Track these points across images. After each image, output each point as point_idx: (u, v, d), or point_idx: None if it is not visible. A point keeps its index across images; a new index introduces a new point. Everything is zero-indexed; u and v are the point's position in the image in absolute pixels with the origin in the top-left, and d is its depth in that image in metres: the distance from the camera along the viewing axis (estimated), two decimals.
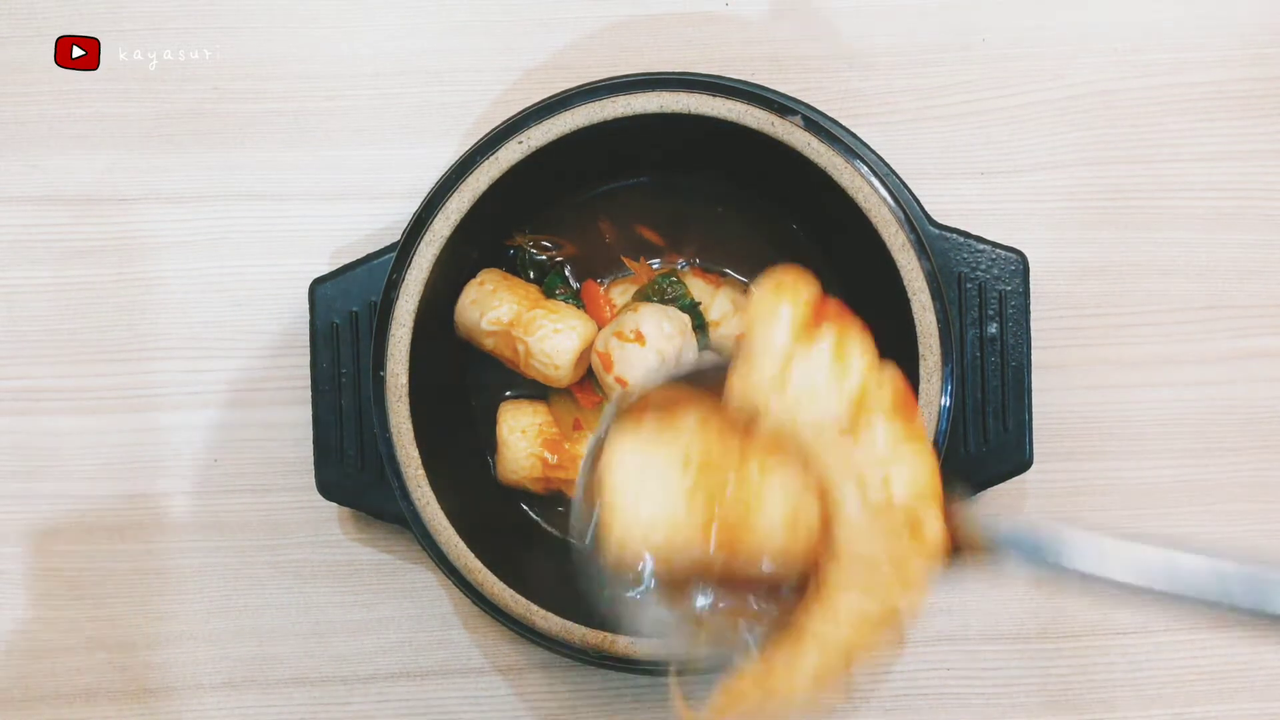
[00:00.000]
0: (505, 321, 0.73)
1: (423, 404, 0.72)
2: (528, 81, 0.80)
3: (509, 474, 0.76)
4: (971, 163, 0.81)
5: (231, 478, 0.80)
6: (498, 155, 0.71)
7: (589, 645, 0.70)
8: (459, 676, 0.80)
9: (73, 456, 0.80)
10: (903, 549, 0.45)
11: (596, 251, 0.78)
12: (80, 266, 0.80)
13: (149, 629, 0.80)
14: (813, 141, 0.70)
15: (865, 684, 0.81)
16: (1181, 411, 0.81)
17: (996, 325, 0.74)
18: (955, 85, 0.81)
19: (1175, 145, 0.81)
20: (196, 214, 0.80)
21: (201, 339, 0.80)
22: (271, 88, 0.81)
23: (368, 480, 0.74)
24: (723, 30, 0.80)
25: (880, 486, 0.46)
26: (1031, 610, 0.81)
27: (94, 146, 0.80)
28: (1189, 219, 0.81)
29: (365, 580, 0.80)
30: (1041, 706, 0.81)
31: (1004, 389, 0.74)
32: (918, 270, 0.70)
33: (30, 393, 0.80)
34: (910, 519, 0.45)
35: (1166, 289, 0.81)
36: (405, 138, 0.80)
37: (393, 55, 0.81)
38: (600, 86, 0.72)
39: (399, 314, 0.71)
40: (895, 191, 0.71)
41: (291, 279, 0.80)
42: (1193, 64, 0.81)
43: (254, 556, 0.80)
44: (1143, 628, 0.81)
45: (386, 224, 0.80)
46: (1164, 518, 0.81)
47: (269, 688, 0.80)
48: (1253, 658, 0.81)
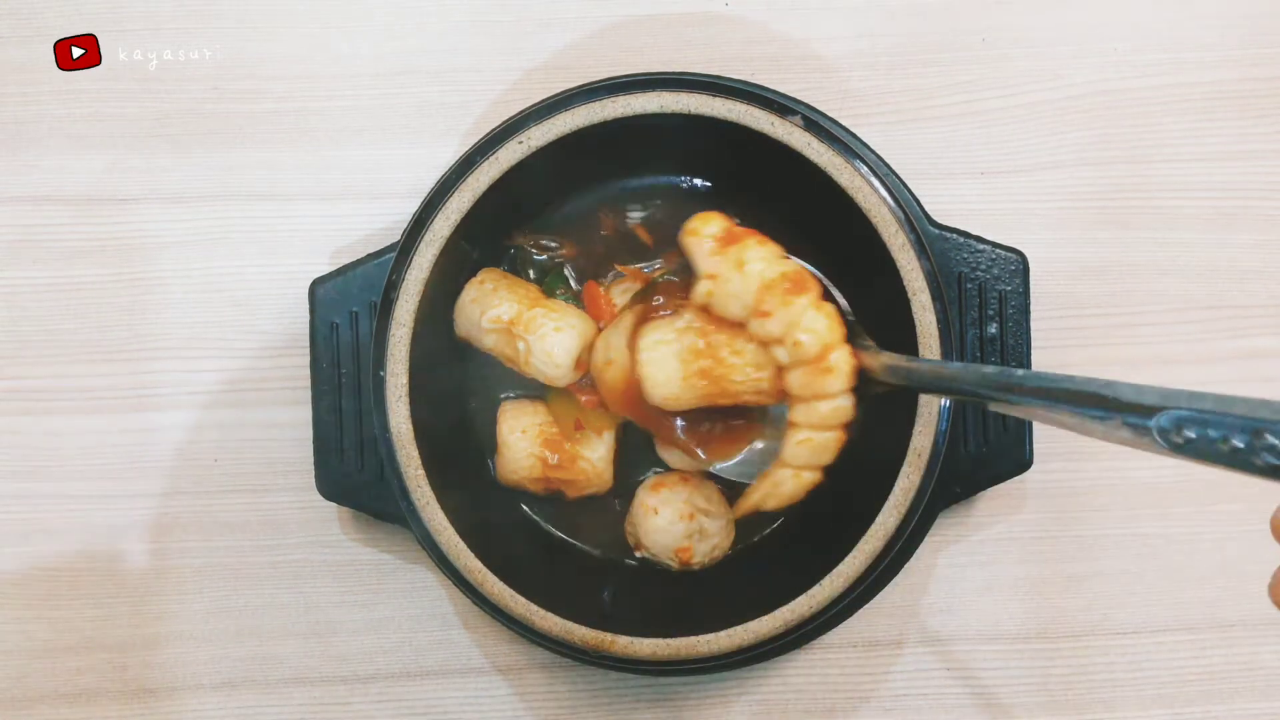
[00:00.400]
0: (506, 320, 0.73)
1: (423, 404, 0.72)
2: (528, 81, 0.80)
3: (509, 474, 0.76)
4: (971, 163, 0.81)
5: (231, 478, 0.80)
6: (498, 155, 0.71)
7: (589, 645, 0.70)
8: (459, 676, 0.80)
9: (73, 456, 0.80)
10: (822, 384, 0.63)
11: (596, 251, 0.78)
12: (80, 266, 0.80)
13: (149, 629, 0.80)
14: (813, 141, 0.70)
15: (865, 684, 0.81)
16: None
17: (996, 325, 0.74)
18: (955, 85, 0.81)
19: (1175, 145, 0.81)
20: (196, 214, 0.80)
21: (201, 339, 0.80)
22: (271, 88, 0.81)
23: (368, 480, 0.74)
24: (723, 30, 0.80)
25: (793, 346, 0.63)
26: (1031, 610, 0.81)
27: (94, 146, 0.80)
28: (1189, 219, 0.81)
29: (365, 580, 0.80)
30: (1041, 706, 0.81)
31: None
32: (918, 270, 0.70)
33: (30, 393, 0.80)
34: (823, 362, 0.63)
35: (1166, 289, 0.81)
36: (405, 138, 0.80)
37: (393, 55, 0.81)
38: (600, 86, 0.72)
39: (399, 314, 0.71)
40: (895, 191, 0.71)
41: (291, 279, 0.80)
42: (1193, 64, 0.81)
43: (254, 556, 0.80)
44: (1143, 628, 0.81)
45: (386, 224, 0.80)
46: (1164, 518, 0.81)
47: (269, 688, 0.80)
48: (1253, 658, 0.81)
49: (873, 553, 0.70)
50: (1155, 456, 0.80)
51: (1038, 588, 0.81)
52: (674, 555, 0.76)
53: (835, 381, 0.63)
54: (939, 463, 0.70)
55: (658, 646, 0.70)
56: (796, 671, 0.81)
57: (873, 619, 0.80)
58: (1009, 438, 0.74)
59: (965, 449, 0.74)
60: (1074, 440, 0.81)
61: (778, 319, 0.64)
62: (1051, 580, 0.81)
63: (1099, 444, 0.81)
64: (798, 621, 0.71)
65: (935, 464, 0.70)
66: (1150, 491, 0.81)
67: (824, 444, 0.65)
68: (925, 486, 0.70)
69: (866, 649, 0.81)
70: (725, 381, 0.67)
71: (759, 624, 0.70)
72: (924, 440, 0.70)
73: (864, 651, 0.81)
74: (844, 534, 0.71)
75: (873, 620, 0.80)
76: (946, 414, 0.70)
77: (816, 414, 0.64)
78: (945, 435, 0.70)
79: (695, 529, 0.75)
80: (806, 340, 0.63)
